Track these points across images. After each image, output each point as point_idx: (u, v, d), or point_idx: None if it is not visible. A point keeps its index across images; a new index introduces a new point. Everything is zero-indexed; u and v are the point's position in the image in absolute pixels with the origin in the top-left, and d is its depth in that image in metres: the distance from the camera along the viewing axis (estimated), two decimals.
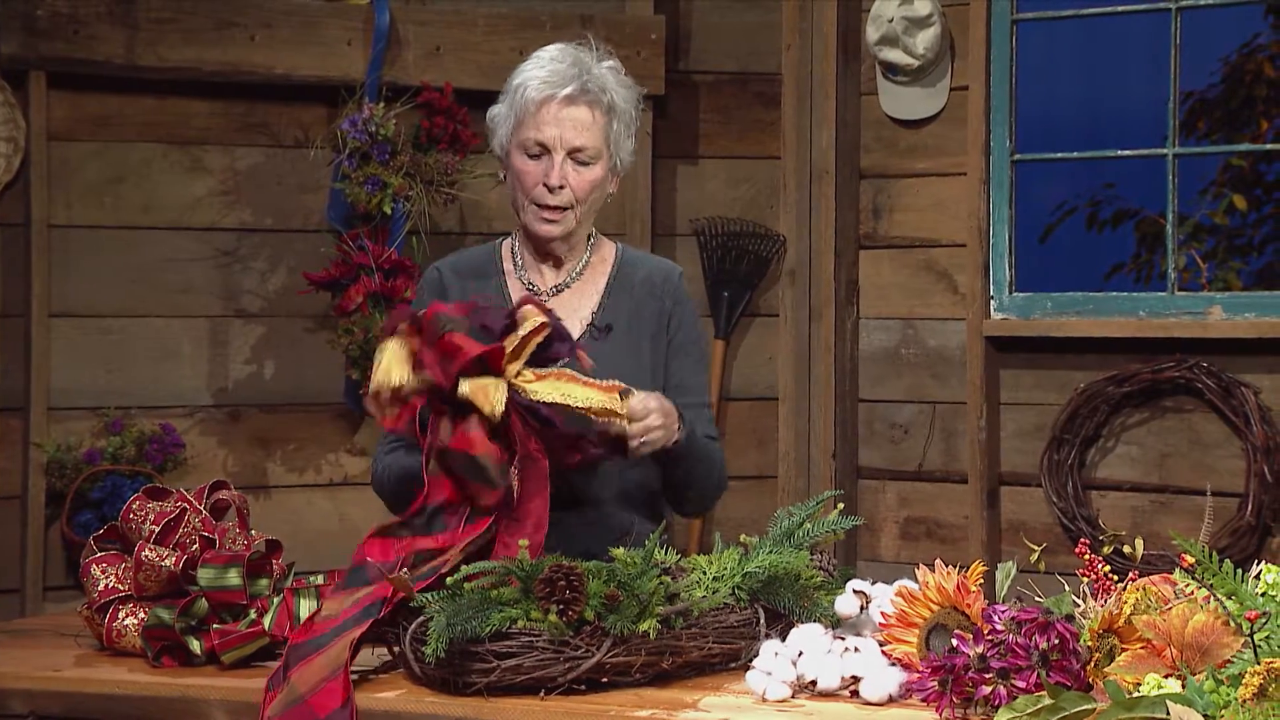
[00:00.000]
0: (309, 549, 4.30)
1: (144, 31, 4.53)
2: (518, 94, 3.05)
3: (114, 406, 4.58)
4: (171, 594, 2.73)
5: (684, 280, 3.22)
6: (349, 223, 4.63)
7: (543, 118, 3.03)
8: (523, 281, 3.14)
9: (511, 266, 3.16)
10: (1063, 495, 4.78)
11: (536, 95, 3.02)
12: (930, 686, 2.26)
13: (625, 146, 3.10)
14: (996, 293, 4.91)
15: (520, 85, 3.05)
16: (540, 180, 3.04)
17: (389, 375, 2.71)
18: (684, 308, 3.18)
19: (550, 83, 3.02)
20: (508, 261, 3.17)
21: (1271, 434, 4.53)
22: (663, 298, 3.15)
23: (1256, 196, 7.74)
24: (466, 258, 3.21)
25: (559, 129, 3.03)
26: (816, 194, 5.09)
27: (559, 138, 3.03)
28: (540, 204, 3.06)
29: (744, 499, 5.04)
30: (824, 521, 2.71)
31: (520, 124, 3.04)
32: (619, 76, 3.09)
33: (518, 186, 3.08)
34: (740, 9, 5.15)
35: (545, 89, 3.02)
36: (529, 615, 2.40)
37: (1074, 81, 7.54)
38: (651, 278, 3.17)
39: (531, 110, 3.03)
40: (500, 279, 3.14)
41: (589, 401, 2.72)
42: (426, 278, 3.18)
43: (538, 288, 3.13)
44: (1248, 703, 1.99)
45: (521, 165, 3.06)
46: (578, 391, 2.72)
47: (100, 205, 4.61)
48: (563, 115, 3.03)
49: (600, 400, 2.72)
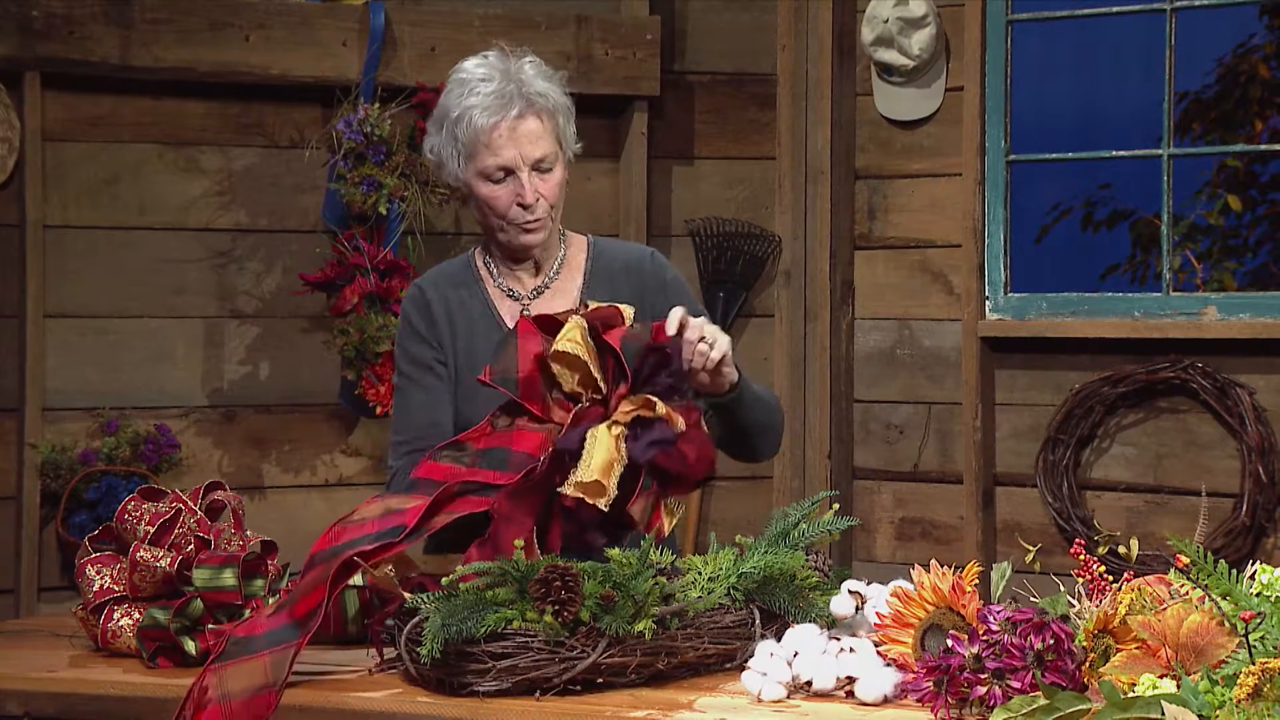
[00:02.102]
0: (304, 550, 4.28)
1: (139, 32, 4.53)
2: (461, 125, 3.02)
3: (109, 407, 4.58)
4: (166, 595, 2.73)
5: (663, 259, 3.21)
6: (344, 223, 4.63)
7: (497, 142, 3.02)
8: (502, 290, 3.14)
9: (488, 275, 3.16)
10: (1058, 496, 4.78)
11: (485, 122, 3.00)
12: (925, 687, 2.26)
13: (570, 134, 3.11)
14: (991, 293, 4.91)
15: (462, 116, 3.02)
16: (513, 201, 3.05)
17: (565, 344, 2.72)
18: (671, 285, 3.18)
19: (492, 108, 3.01)
20: (482, 270, 3.17)
21: (1266, 434, 4.53)
22: (644, 280, 3.15)
23: (1251, 197, 7.74)
24: (445, 271, 3.21)
25: (516, 148, 3.02)
26: (812, 195, 5.09)
27: (519, 156, 3.03)
28: (518, 223, 3.07)
29: (739, 499, 5.04)
30: (819, 522, 2.71)
31: (474, 154, 3.03)
32: (542, 69, 3.08)
33: (489, 211, 3.07)
34: (735, 10, 5.15)
35: (490, 115, 3.01)
36: (524, 616, 2.40)
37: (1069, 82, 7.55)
38: (629, 264, 3.17)
39: (483, 139, 3.01)
40: (480, 288, 3.15)
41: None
42: (409, 296, 3.18)
43: (518, 293, 3.14)
44: (1242, 703, 1.99)
45: (489, 192, 3.05)
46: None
47: (95, 206, 4.61)
48: (517, 134, 3.02)
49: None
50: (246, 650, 2.49)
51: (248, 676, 2.45)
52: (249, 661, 2.47)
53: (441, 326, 3.10)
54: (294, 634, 2.48)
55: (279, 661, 2.45)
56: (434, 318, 3.11)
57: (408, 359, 3.13)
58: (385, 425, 4.55)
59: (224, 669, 2.48)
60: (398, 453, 3.12)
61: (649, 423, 2.69)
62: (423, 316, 3.12)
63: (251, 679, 2.45)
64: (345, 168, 4.55)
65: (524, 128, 3.02)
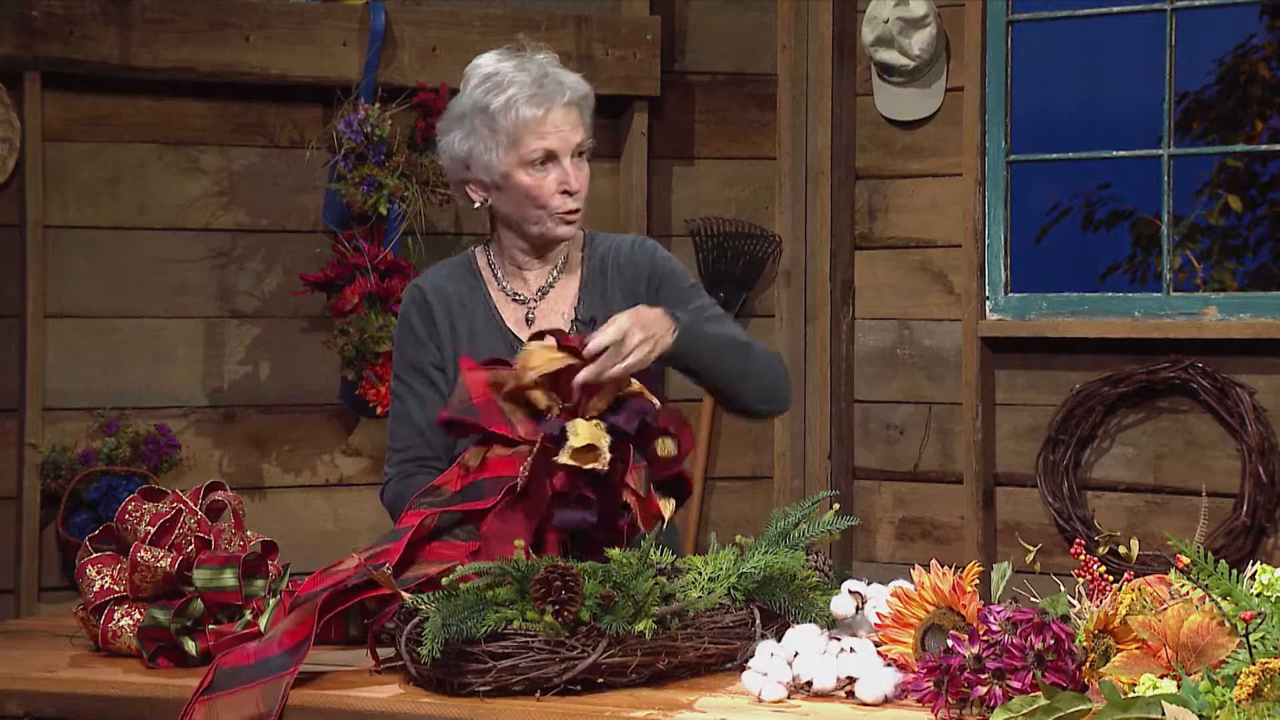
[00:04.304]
0: (304, 550, 4.30)
1: (139, 32, 4.53)
2: (504, 115, 3.03)
3: (109, 407, 4.58)
4: (167, 595, 2.73)
5: (651, 244, 3.21)
6: (344, 223, 4.63)
7: (545, 129, 3.04)
8: (506, 293, 3.14)
9: (491, 276, 3.16)
10: (1058, 496, 4.78)
11: (532, 112, 3.02)
12: (926, 687, 2.26)
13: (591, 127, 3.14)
14: (992, 293, 4.91)
15: (506, 106, 3.03)
16: (556, 189, 3.06)
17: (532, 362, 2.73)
18: (661, 266, 3.16)
19: (537, 97, 3.03)
20: (485, 272, 3.17)
21: (1267, 434, 4.53)
22: (638, 267, 3.16)
23: (1251, 197, 7.74)
24: (444, 272, 3.20)
25: (562, 135, 3.05)
26: (812, 195, 5.09)
27: (565, 142, 3.05)
28: (560, 211, 3.07)
29: (739, 499, 5.04)
30: (820, 522, 2.71)
31: (518, 143, 3.04)
32: (563, 65, 3.12)
33: (528, 201, 3.07)
34: (736, 10, 5.15)
35: (537, 104, 3.03)
36: (525, 616, 2.40)
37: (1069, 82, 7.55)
38: (621, 254, 3.18)
39: (532, 127, 3.03)
40: (482, 290, 3.15)
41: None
42: (408, 297, 3.17)
43: (523, 295, 3.14)
44: (1243, 703, 1.99)
45: (532, 180, 3.06)
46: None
47: (95, 206, 4.61)
48: (563, 121, 3.05)
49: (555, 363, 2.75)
50: (237, 681, 2.50)
51: (239, 707, 2.46)
52: (240, 692, 2.48)
53: (442, 328, 3.10)
54: (285, 663, 2.49)
55: (270, 691, 2.46)
56: (434, 319, 3.11)
57: (405, 363, 3.12)
58: (385, 425, 4.55)
59: (214, 700, 2.48)
60: (392, 462, 3.12)
61: (624, 400, 2.72)
62: (422, 318, 3.12)
63: (243, 710, 2.46)
64: (345, 168, 4.55)
65: (568, 116, 3.05)
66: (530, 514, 2.70)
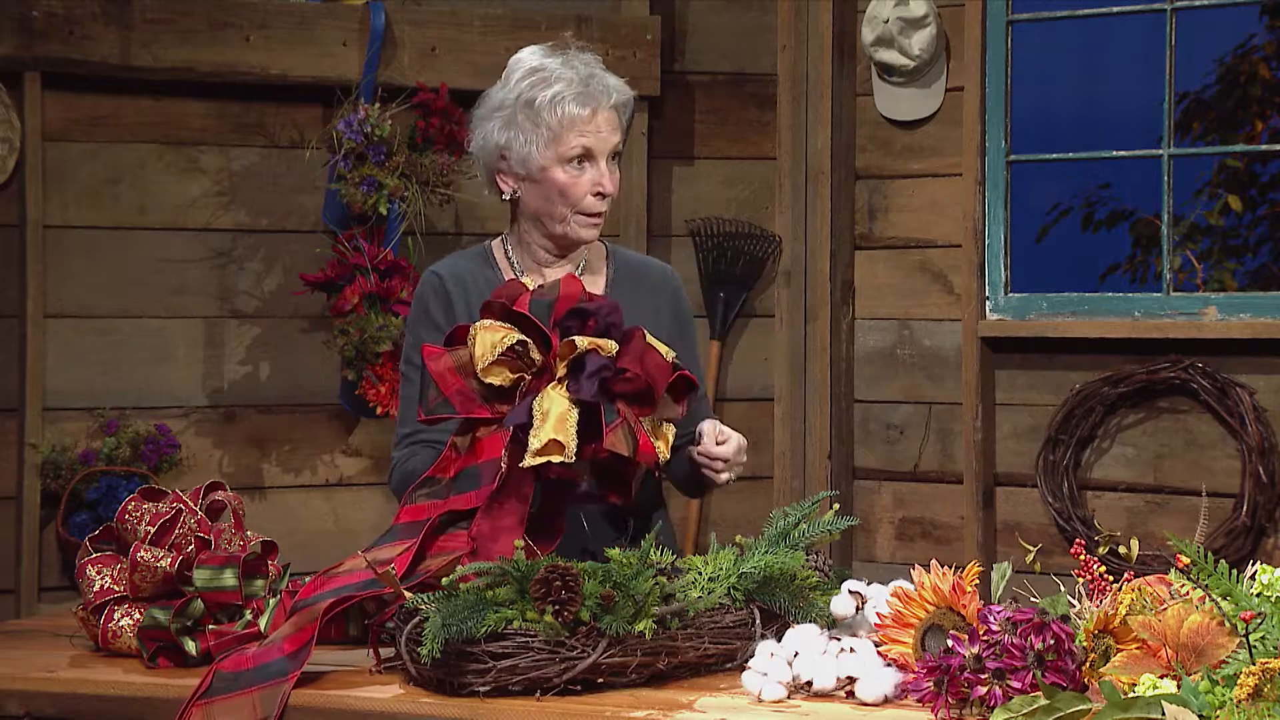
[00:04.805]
0: (304, 550, 4.31)
1: (139, 32, 4.53)
2: (550, 110, 3.04)
3: (109, 407, 4.58)
4: (167, 595, 2.73)
5: (680, 282, 3.28)
6: (344, 223, 4.63)
7: (588, 127, 3.05)
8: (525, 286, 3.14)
9: (509, 269, 3.16)
10: (1058, 496, 4.78)
11: (579, 110, 3.04)
12: (926, 687, 2.26)
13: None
14: (992, 293, 4.91)
15: (554, 102, 3.04)
16: (590, 189, 3.07)
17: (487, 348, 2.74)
18: (684, 305, 3.25)
19: (584, 96, 3.05)
20: (503, 265, 3.17)
21: (1267, 434, 4.53)
22: (661, 295, 3.19)
23: (1251, 197, 7.74)
24: (462, 261, 3.20)
25: (600, 135, 3.06)
26: (812, 195, 5.09)
27: (604, 143, 3.07)
28: (589, 212, 3.08)
29: (739, 500, 5.04)
30: (819, 522, 2.71)
31: (560, 139, 3.05)
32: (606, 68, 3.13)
33: (559, 199, 3.08)
34: (735, 10, 5.15)
35: (584, 103, 3.04)
36: (525, 616, 2.40)
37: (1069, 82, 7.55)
38: (650, 276, 3.22)
39: (578, 125, 3.04)
40: (500, 281, 3.14)
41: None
42: (426, 282, 3.17)
43: None
44: (1243, 703, 1.99)
45: (565, 177, 3.06)
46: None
47: (95, 206, 4.61)
48: (601, 122, 3.06)
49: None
50: (235, 686, 2.49)
51: (236, 711, 2.46)
52: (237, 697, 2.48)
53: (461, 317, 3.08)
54: (285, 669, 2.49)
55: (269, 697, 2.46)
56: (453, 305, 3.10)
57: (417, 348, 3.11)
58: (385, 426, 4.56)
59: (211, 705, 2.48)
60: (401, 444, 3.12)
61: (580, 361, 2.70)
62: (440, 303, 3.11)
63: (240, 714, 2.46)
64: (345, 168, 4.55)
65: (610, 119, 3.08)
66: (516, 506, 2.69)
